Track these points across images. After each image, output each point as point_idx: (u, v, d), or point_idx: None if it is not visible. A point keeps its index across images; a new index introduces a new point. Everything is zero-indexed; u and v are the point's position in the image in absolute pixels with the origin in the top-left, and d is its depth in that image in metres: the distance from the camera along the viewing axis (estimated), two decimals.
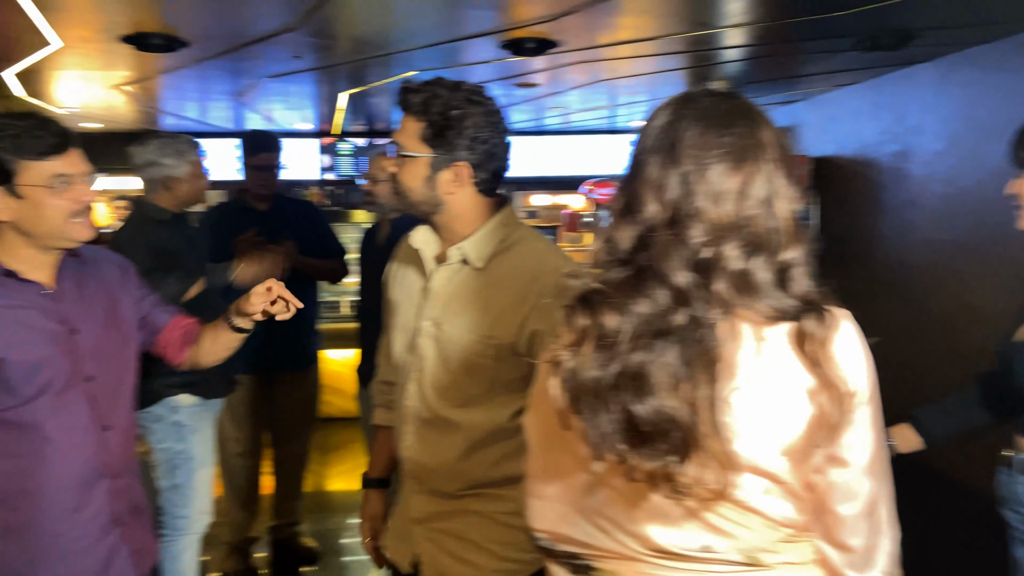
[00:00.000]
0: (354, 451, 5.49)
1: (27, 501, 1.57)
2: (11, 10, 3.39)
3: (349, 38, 4.19)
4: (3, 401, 1.55)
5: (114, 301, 1.76)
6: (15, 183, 1.52)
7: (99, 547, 1.66)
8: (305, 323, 3.55)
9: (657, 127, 1.00)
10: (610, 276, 0.97)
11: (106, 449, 1.66)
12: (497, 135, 1.60)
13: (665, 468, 0.91)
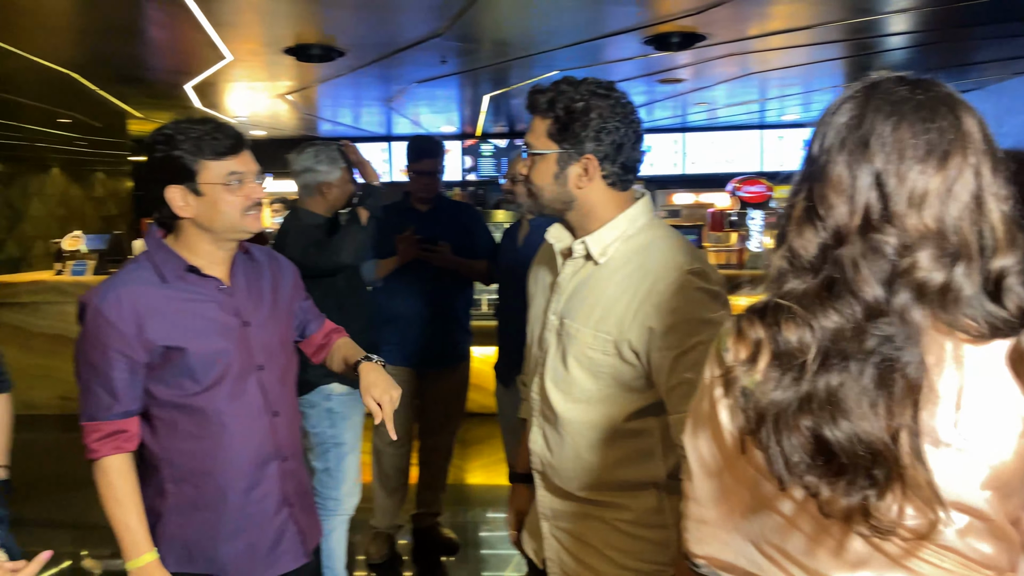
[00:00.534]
0: (493, 446, 5.58)
1: (208, 480, 1.67)
2: (192, 28, 3.72)
3: (492, 41, 4.27)
4: (187, 387, 1.65)
5: (279, 298, 1.86)
6: (197, 181, 1.62)
7: (271, 525, 1.74)
8: (457, 322, 3.64)
9: (843, 122, 0.89)
10: (792, 287, 0.87)
11: (276, 433, 1.74)
12: (625, 126, 1.54)
13: (863, 503, 0.81)
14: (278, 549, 1.76)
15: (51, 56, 4.38)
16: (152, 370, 1.63)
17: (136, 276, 1.63)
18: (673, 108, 6.87)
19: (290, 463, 1.78)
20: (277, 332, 1.80)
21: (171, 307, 1.63)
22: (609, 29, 3.93)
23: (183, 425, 1.66)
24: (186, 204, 1.62)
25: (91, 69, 4.84)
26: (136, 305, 1.60)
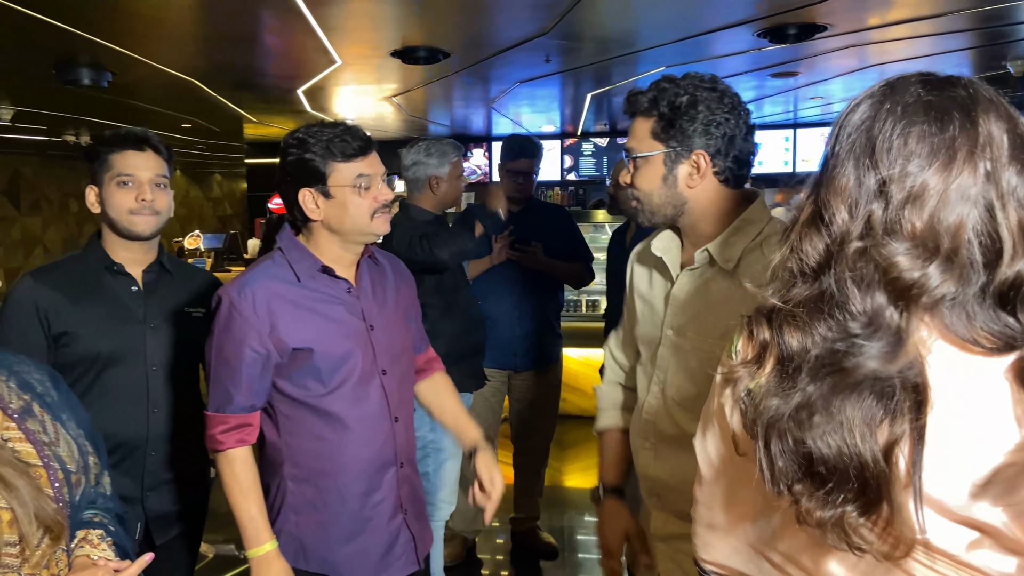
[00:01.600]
0: (591, 450, 5.52)
1: (328, 481, 1.69)
2: (305, 34, 3.83)
3: (597, 38, 4.20)
4: (312, 387, 1.66)
5: (400, 304, 1.88)
6: (327, 184, 1.65)
7: (385, 530, 1.75)
8: (548, 324, 3.61)
9: (853, 123, 0.85)
10: (793, 293, 0.85)
11: (396, 439, 1.75)
12: (734, 118, 1.45)
13: (840, 518, 0.79)
14: (390, 555, 1.76)
15: (175, 64, 4.63)
16: (280, 367, 1.66)
17: (272, 273, 1.68)
18: (784, 103, 6.60)
19: (406, 469, 1.79)
20: (398, 337, 1.82)
21: (303, 306, 1.67)
22: (719, 23, 3.80)
23: (308, 425, 1.69)
24: (316, 206, 1.65)
25: (211, 76, 5.09)
26: (270, 302, 1.64)
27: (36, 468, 1.28)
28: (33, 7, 3.30)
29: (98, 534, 1.38)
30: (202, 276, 2.11)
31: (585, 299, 6.16)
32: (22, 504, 1.21)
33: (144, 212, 1.84)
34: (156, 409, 1.88)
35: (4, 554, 1.20)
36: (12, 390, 1.37)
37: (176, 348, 1.93)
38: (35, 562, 1.25)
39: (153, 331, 1.89)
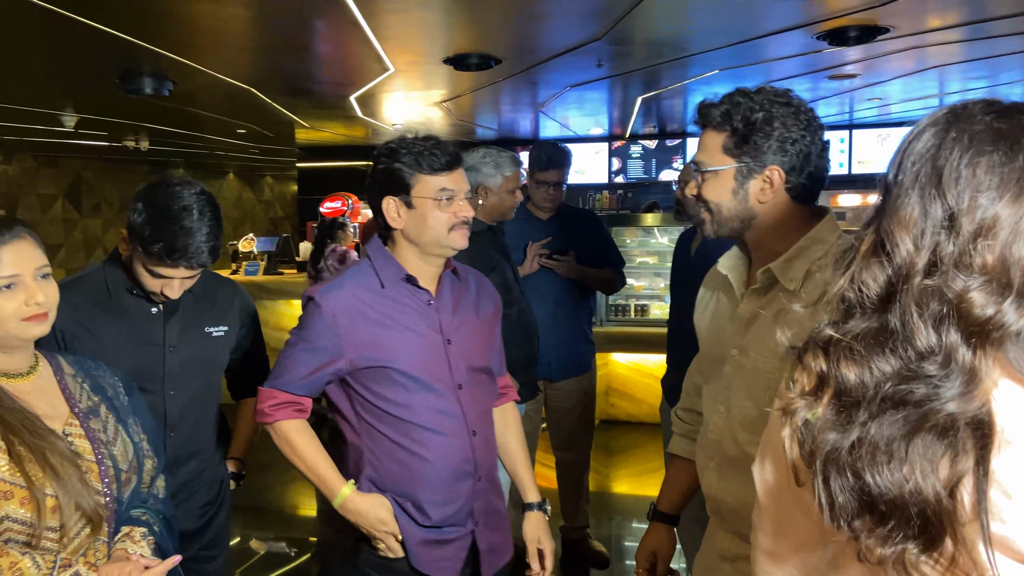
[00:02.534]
0: (639, 456, 5.47)
1: (408, 489, 1.72)
2: (359, 42, 3.89)
3: (648, 43, 4.17)
4: (390, 396, 1.70)
5: (481, 321, 1.86)
6: (410, 194, 1.69)
7: (458, 539, 1.78)
8: (581, 331, 3.58)
9: (918, 152, 0.82)
10: (851, 324, 0.83)
11: (474, 452, 1.76)
12: (810, 134, 1.43)
13: (901, 555, 0.76)
14: (441, 554, 1.78)
15: (233, 73, 4.74)
16: (357, 373, 1.70)
17: (358, 280, 1.73)
18: (839, 105, 6.47)
19: (483, 483, 1.80)
20: (476, 354, 1.82)
21: (383, 313, 1.70)
22: (774, 26, 3.74)
23: (387, 432, 1.72)
24: (398, 215, 1.70)
25: (267, 84, 5.19)
26: (351, 308, 1.68)
27: (89, 463, 1.38)
28: (100, 20, 3.41)
29: (141, 532, 1.47)
30: (225, 290, 2.04)
31: (633, 303, 6.11)
32: (66, 493, 1.30)
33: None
34: (173, 433, 1.86)
35: (45, 538, 1.28)
36: (85, 391, 1.48)
37: (195, 369, 1.90)
38: (72, 548, 1.34)
39: (172, 353, 1.85)
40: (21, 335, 1.35)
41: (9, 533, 1.24)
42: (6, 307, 1.32)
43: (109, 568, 1.34)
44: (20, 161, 9.46)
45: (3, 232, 1.33)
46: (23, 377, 1.38)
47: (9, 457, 1.26)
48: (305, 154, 10.10)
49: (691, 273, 2.91)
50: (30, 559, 1.23)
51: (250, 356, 2.10)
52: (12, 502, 1.24)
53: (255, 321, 2.12)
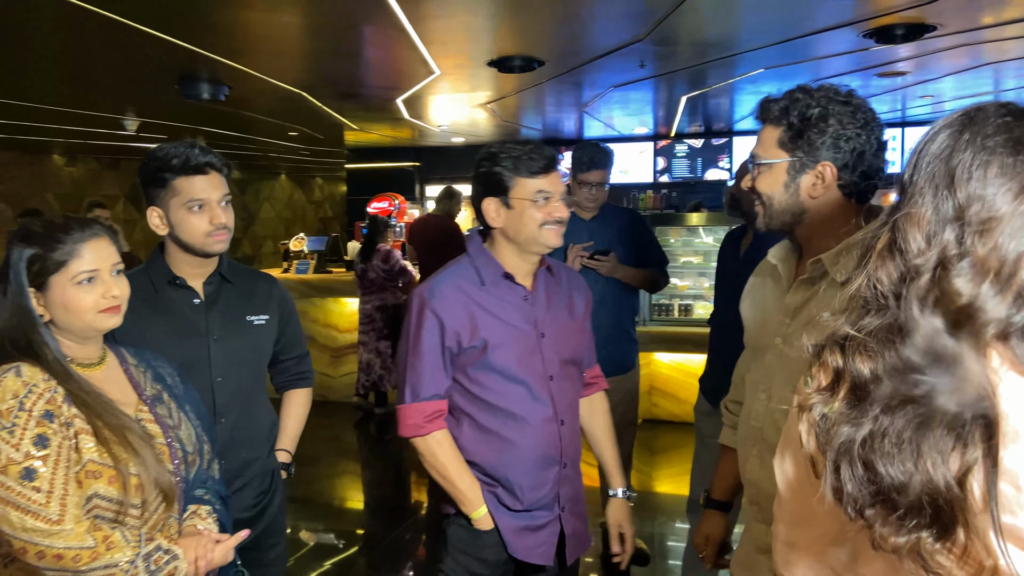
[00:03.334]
0: (682, 455, 5.45)
1: (498, 473, 1.84)
2: (405, 47, 3.98)
3: (693, 42, 4.18)
4: (487, 385, 1.82)
5: (574, 316, 1.96)
6: (509, 196, 1.80)
7: (544, 523, 1.88)
8: (624, 330, 3.59)
9: (932, 153, 0.84)
10: (866, 321, 0.85)
11: (560, 441, 1.86)
12: (866, 133, 1.44)
13: (916, 544, 0.78)
14: (545, 546, 1.89)
15: (285, 78, 4.88)
16: (459, 362, 1.82)
17: (459, 275, 1.85)
18: (891, 102, 6.34)
19: (569, 470, 1.90)
20: (568, 347, 1.92)
21: (483, 307, 1.82)
22: (820, 24, 3.70)
23: (482, 420, 1.84)
24: (497, 215, 1.82)
25: (317, 88, 5.33)
26: (455, 301, 1.81)
27: (160, 445, 1.48)
28: (161, 29, 3.56)
29: (206, 509, 1.59)
30: (262, 282, 2.10)
31: (677, 303, 6.09)
32: (147, 472, 1.40)
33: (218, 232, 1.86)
34: (223, 419, 1.91)
35: (128, 515, 1.39)
36: (148, 380, 1.60)
37: (240, 357, 1.95)
38: (152, 524, 1.45)
39: (216, 342, 1.91)
40: (97, 326, 1.46)
41: (97, 510, 1.34)
42: (86, 299, 1.43)
43: (187, 541, 1.45)
44: (84, 163, 9.85)
45: (84, 230, 1.44)
46: (95, 367, 1.49)
47: (96, 440, 1.36)
48: (353, 155, 10.30)
49: (739, 273, 2.92)
50: (119, 533, 1.33)
51: (292, 348, 2.17)
52: (101, 481, 1.35)
53: (294, 312, 2.18)
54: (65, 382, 1.37)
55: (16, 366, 1.34)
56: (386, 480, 5.36)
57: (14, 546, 1.27)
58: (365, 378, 6.34)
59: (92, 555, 1.28)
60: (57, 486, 1.28)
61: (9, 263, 1.40)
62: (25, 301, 1.39)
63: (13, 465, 1.26)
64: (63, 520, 1.27)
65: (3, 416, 1.28)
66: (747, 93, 6.03)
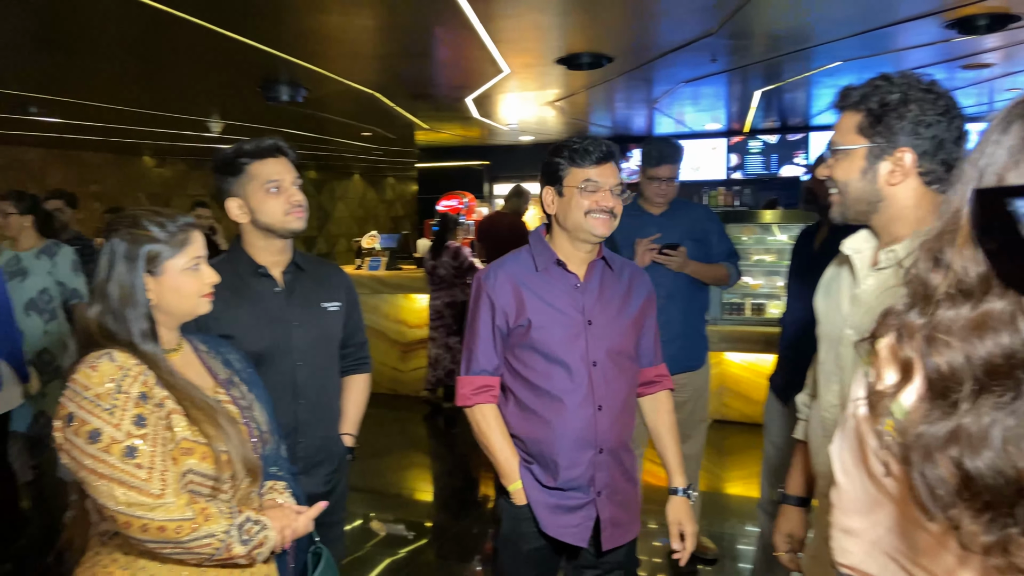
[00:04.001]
0: (753, 457, 5.34)
1: (537, 448, 1.92)
2: (476, 47, 4.04)
3: (767, 35, 4.10)
4: (531, 364, 1.91)
5: (627, 309, 1.99)
6: (562, 184, 1.89)
7: (578, 505, 1.92)
8: (695, 327, 3.54)
9: (1013, 144, 0.81)
10: (949, 311, 0.82)
11: (596, 425, 1.91)
12: (947, 121, 1.40)
13: (1005, 541, 0.76)
14: (570, 520, 1.92)
15: (360, 79, 5.01)
16: (511, 344, 1.93)
17: (516, 261, 1.98)
18: (977, 95, 6.07)
19: (605, 456, 1.93)
20: (616, 338, 1.96)
21: (534, 291, 1.92)
22: (902, 15, 3.58)
23: (523, 395, 1.94)
24: (552, 203, 1.91)
25: (390, 89, 5.46)
26: (509, 284, 1.92)
27: (240, 425, 1.56)
28: (244, 34, 3.71)
29: (282, 485, 1.68)
30: (332, 271, 2.21)
31: (749, 302, 5.97)
32: (235, 448, 1.48)
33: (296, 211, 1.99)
34: (303, 400, 2.02)
35: (220, 489, 1.46)
36: (219, 364, 1.68)
37: (317, 342, 2.06)
38: (239, 497, 1.52)
39: (297, 328, 2.01)
40: (199, 310, 1.57)
41: (192, 485, 1.42)
42: (193, 285, 1.54)
43: (272, 512, 1.53)
44: (172, 164, 10.32)
45: (190, 221, 1.56)
46: (175, 352, 1.57)
47: (188, 420, 1.44)
48: (424, 155, 10.46)
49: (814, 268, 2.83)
50: (214, 506, 1.42)
51: (355, 334, 2.27)
52: (194, 457, 1.43)
53: (357, 300, 2.30)
54: (154, 366, 1.45)
55: (108, 352, 1.42)
56: (455, 473, 5.43)
57: (118, 520, 1.34)
58: (433, 373, 6.45)
59: (192, 526, 1.36)
60: (157, 463, 1.36)
61: (118, 250, 1.48)
62: (138, 285, 1.48)
63: (116, 444, 1.33)
64: (164, 494, 1.34)
65: (102, 398, 1.36)
66: (824, 87, 5.87)
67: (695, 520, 2.05)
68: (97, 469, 1.33)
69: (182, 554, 1.38)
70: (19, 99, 5.34)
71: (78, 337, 1.53)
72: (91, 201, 9.09)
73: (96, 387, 1.36)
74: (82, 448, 1.34)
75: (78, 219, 5.33)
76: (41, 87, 5.00)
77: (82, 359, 1.42)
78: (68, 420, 1.36)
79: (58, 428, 1.37)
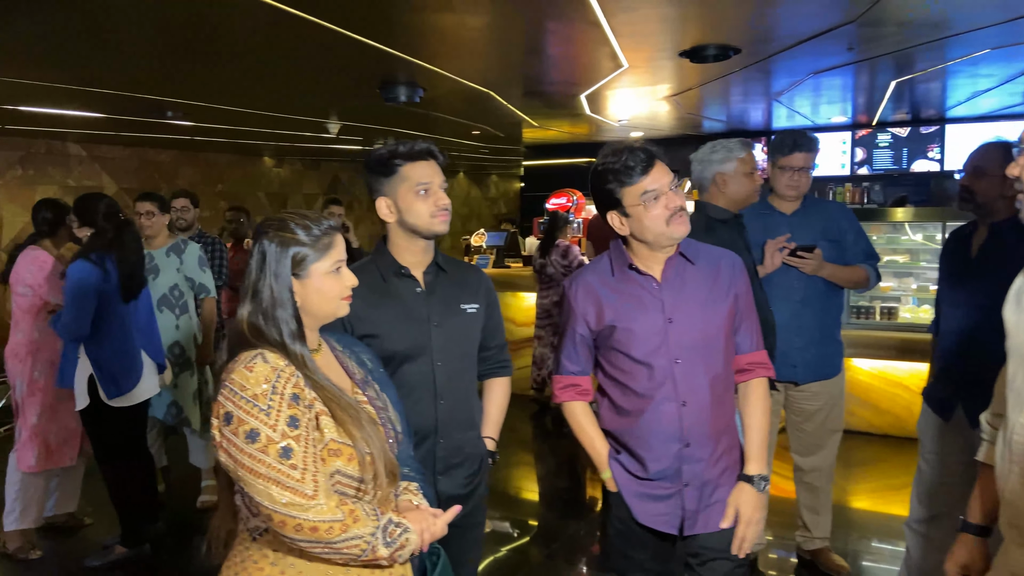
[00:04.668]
0: (881, 470, 5.04)
1: (625, 441, 2.00)
2: (598, 42, 3.96)
3: (910, 23, 3.81)
4: (618, 364, 1.96)
5: (713, 301, 1.96)
6: (624, 206, 1.90)
7: (666, 495, 1.97)
8: (830, 333, 3.33)
9: None
10: None
11: (681, 420, 1.93)
12: None
13: None
14: (658, 507, 1.97)
15: (474, 77, 5.03)
16: (600, 346, 2.00)
17: (595, 268, 2.03)
18: None
19: (692, 449, 1.95)
20: (700, 331, 1.95)
21: (612, 295, 1.97)
22: None
23: (612, 392, 2.01)
24: (622, 224, 1.94)
25: (503, 86, 5.46)
26: (589, 290, 1.99)
27: (378, 426, 1.55)
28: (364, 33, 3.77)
29: (415, 486, 1.67)
30: (472, 273, 2.22)
31: (879, 305, 5.63)
32: (378, 449, 1.48)
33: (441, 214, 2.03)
34: (442, 400, 2.04)
35: (364, 491, 1.46)
36: (353, 364, 1.68)
37: (456, 343, 2.07)
38: (380, 498, 1.52)
39: (436, 329, 2.03)
40: (339, 312, 1.59)
41: (339, 486, 1.43)
42: (335, 287, 1.55)
43: (411, 515, 1.51)
44: (290, 164, 10.76)
45: (333, 225, 1.57)
46: (316, 352, 1.58)
47: (334, 421, 1.45)
48: (530, 152, 10.47)
49: (972, 274, 2.56)
50: (361, 507, 1.42)
51: (494, 336, 2.25)
52: (341, 458, 1.43)
53: (497, 302, 2.29)
54: (302, 367, 1.46)
55: (260, 352, 1.43)
56: (561, 473, 5.38)
57: (273, 519, 1.35)
58: (538, 372, 6.43)
59: (342, 527, 1.36)
60: (309, 464, 1.36)
61: (268, 252, 1.50)
62: (286, 287, 1.50)
63: (272, 444, 1.35)
64: (317, 495, 1.35)
65: (259, 399, 1.37)
66: (962, 76, 5.45)
67: (761, 512, 2.01)
68: (255, 468, 1.34)
69: (330, 554, 1.39)
70: (157, 104, 5.66)
71: (228, 336, 1.55)
72: (216, 200, 9.59)
73: (253, 387, 1.38)
74: (240, 447, 1.36)
75: (204, 216, 5.60)
76: (176, 92, 5.28)
77: (236, 358, 1.44)
78: (227, 419, 1.38)
79: (216, 426, 1.39)
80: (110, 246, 3.55)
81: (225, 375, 1.42)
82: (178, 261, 4.26)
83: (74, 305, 3.45)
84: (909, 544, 2.86)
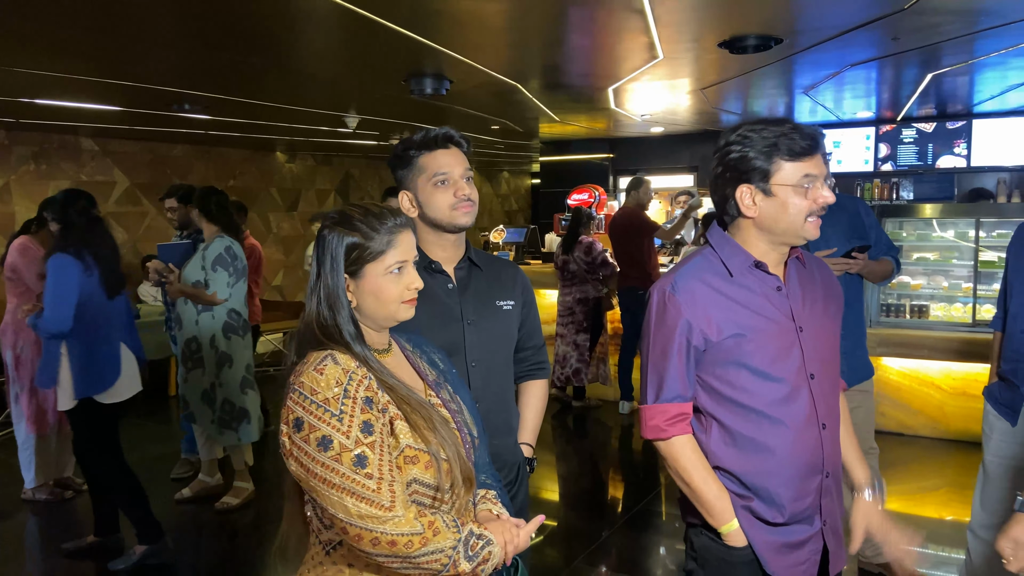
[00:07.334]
0: (915, 471, 4.96)
1: (755, 481, 1.67)
2: (636, 31, 3.85)
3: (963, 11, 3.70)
4: (743, 384, 1.65)
5: (829, 307, 1.78)
6: (769, 182, 1.61)
7: (805, 539, 1.70)
8: (863, 333, 3.23)
9: None
10: None
11: (823, 447, 1.69)
12: None
13: None
14: (798, 556, 1.70)
15: (503, 69, 4.92)
16: (710, 361, 1.67)
17: (703, 268, 1.70)
18: None
19: (831, 480, 1.71)
20: (828, 341, 1.74)
21: (734, 300, 1.66)
22: None
23: (731, 422, 1.67)
24: (754, 203, 1.64)
25: (531, 78, 5.35)
26: (705, 293, 1.66)
27: (452, 430, 1.44)
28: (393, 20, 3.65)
29: (493, 494, 1.55)
30: (508, 268, 2.11)
31: (908, 303, 5.54)
32: (455, 455, 1.38)
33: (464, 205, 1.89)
34: (478, 402, 1.88)
35: (442, 500, 1.36)
36: (426, 365, 1.57)
37: (491, 341, 1.97)
38: (458, 507, 1.41)
39: (470, 326, 1.93)
40: (399, 316, 1.46)
41: (416, 496, 1.34)
42: (394, 290, 1.43)
43: (493, 526, 1.40)
44: (302, 160, 10.65)
45: (398, 221, 1.45)
46: (386, 353, 1.48)
47: (409, 426, 1.35)
48: (546, 148, 10.36)
49: None
50: (440, 518, 1.31)
51: (531, 336, 2.15)
52: (418, 466, 1.33)
53: (534, 300, 2.17)
54: (371, 369, 1.36)
55: (330, 353, 1.34)
56: (583, 474, 5.30)
57: (349, 533, 1.26)
58: (560, 371, 6.33)
59: (422, 540, 1.26)
60: (385, 472, 1.27)
61: (327, 248, 1.41)
62: (340, 286, 1.40)
63: (346, 452, 1.25)
64: (394, 506, 1.25)
65: (331, 404, 1.27)
66: (992, 70, 5.33)
67: (885, 522, 1.76)
68: (329, 478, 1.24)
69: (410, 569, 1.28)
70: (175, 96, 5.56)
71: (297, 333, 1.45)
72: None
73: (324, 391, 1.28)
74: (313, 456, 1.26)
75: None
76: (194, 84, 5.18)
77: (305, 360, 1.34)
78: (297, 425, 1.28)
79: (285, 432, 1.30)
80: (83, 241, 3.57)
81: (294, 378, 1.32)
82: (202, 258, 4.24)
83: (55, 296, 3.41)
84: (971, 549, 2.78)
